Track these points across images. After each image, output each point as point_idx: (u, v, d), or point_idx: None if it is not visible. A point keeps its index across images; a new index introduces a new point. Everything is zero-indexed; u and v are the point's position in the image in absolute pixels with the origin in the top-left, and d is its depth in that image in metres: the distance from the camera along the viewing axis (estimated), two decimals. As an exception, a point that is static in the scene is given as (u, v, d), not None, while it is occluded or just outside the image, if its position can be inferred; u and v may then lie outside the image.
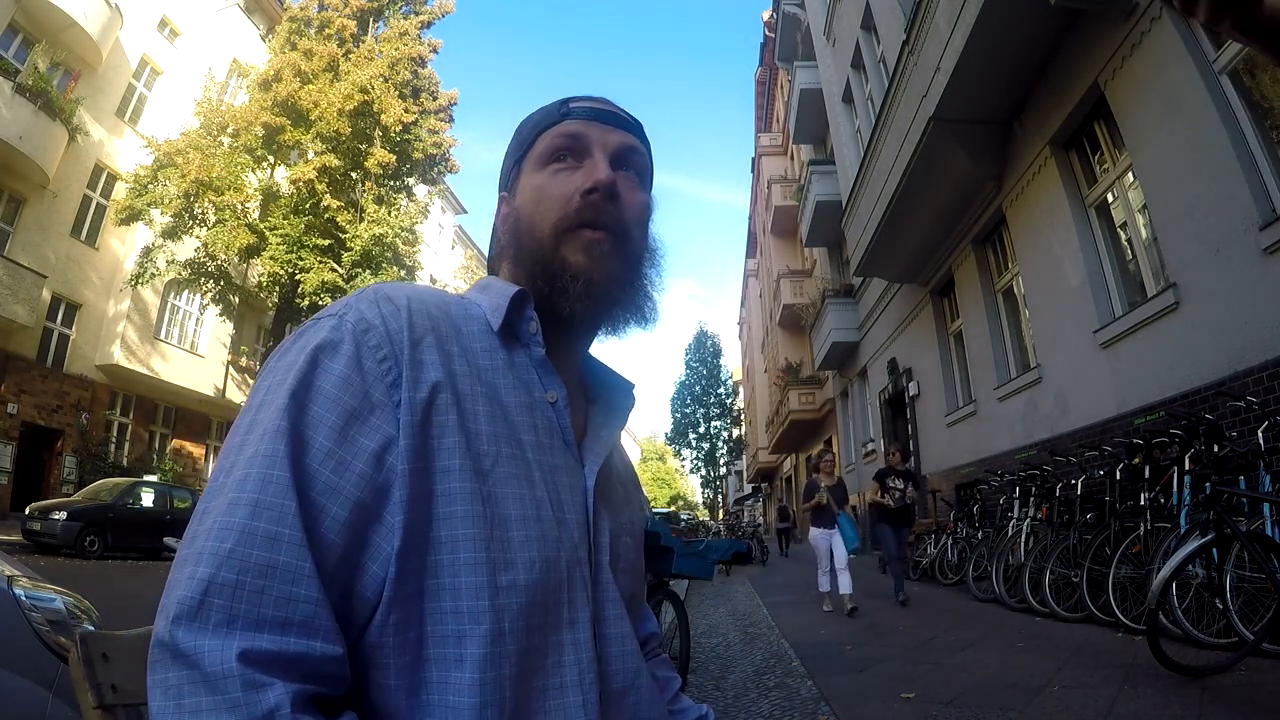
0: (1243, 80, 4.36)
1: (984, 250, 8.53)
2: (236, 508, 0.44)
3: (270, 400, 0.48)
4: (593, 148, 0.63)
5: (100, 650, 0.57)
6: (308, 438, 0.47)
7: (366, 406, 0.49)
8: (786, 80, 18.50)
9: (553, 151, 0.63)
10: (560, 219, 0.60)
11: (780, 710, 3.17)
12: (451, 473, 0.50)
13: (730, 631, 5.51)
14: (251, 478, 0.45)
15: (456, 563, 0.48)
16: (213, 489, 0.46)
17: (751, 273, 35.87)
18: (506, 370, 0.57)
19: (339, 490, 0.46)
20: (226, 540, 0.43)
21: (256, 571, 0.42)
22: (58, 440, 14.43)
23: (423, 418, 0.50)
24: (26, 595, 1.67)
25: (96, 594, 2.28)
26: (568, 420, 0.59)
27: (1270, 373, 3.97)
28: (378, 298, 0.53)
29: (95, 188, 15.59)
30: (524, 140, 0.66)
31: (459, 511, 0.49)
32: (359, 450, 0.48)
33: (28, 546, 9.61)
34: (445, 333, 0.55)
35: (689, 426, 42.93)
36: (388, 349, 0.50)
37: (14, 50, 13.48)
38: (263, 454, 0.45)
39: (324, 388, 0.48)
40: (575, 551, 0.55)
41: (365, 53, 14.92)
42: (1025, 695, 3.10)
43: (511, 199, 0.66)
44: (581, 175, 0.62)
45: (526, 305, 0.59)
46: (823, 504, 6.37)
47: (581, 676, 0.52)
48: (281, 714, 0.41)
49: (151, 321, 16.61)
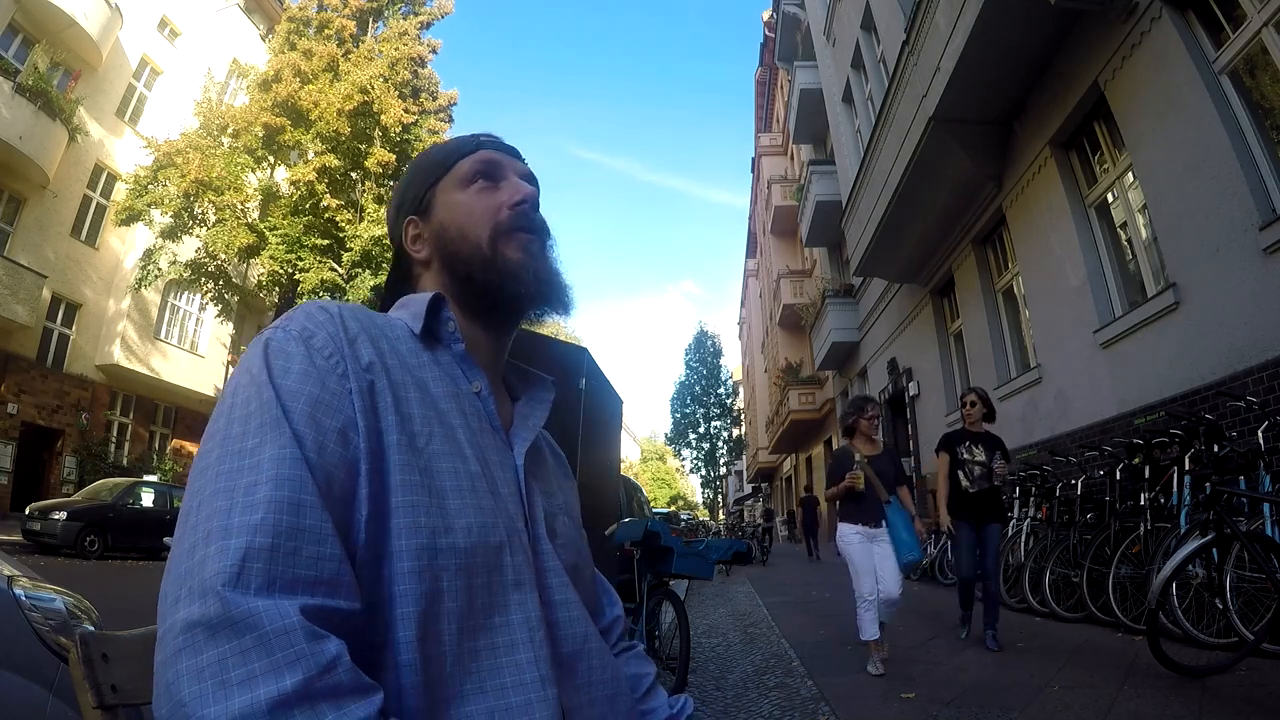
0: (1243, 80, 4.36)
1: (984, 250, 8.53)
2: (257, 486, 0.47)
3: (250, 400, 0.52)
4: (508, 172, 0.75)
5: (100, 650, 0.57)
6: (296, 425, 0.51)
7: (326, 394, 0.54)
8: (786, 80, 18.50)
9: (474, 174, 0.73)
10: (494, 226, 0.70)
11: (780, 710, 3.17)
12: (392, 448, 0.55)
13: (730, 631, 5.51)
14: (265, 460, 0.48)
15: (400, 527, 0.52)
16: (213, 476, 0.49)
17: (751, 273, 35.86)
18: (432, 366, 0.63)
19: (318, 467, 0.50)
20: (255, 512, 0.45)
21: (289, 534, 0.45)
22: (58, 440, 14.43)
23: (369, 402, 0.55)
24: (26, 595, 1.67)
25: (96, 594, 2.28)
26: (493, 407, 0.66)
27: (1270, 373, 3.97)
28: (313, 310, 0.60)
29: (95, 188, 15.59)
30: (437, 167, 0.75)
31: (400, 481, 0.54)
32: (328, 431, 0.52)
33: (28, 546, 9.62)
34: (374, 334, 0.61)
35: (689, 426, 42.92)
36: (332, 347, 0.57)
37: (14, 50, 13.49)
38: (270, 440, 0.49)
39: (287, 384, 0.53)
40: (512, 521, 0.60)
41: (365, 53, 14.92)
42: (1025, 695, 3.10)
43: (425, 220, 0.74)
44: (507, 191, 0.73)
45: (443, 307, 0.67)
46: (858, 486, 3.85)
47: (531, 634, 0.56)
48: (342, 662, 0.44)
49: (151, 321, 16.61)
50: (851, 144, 11.91)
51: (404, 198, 0.77)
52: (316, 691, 0.41)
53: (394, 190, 0.81)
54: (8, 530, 10.52)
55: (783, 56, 18.09)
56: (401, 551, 0.52)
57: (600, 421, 6.43)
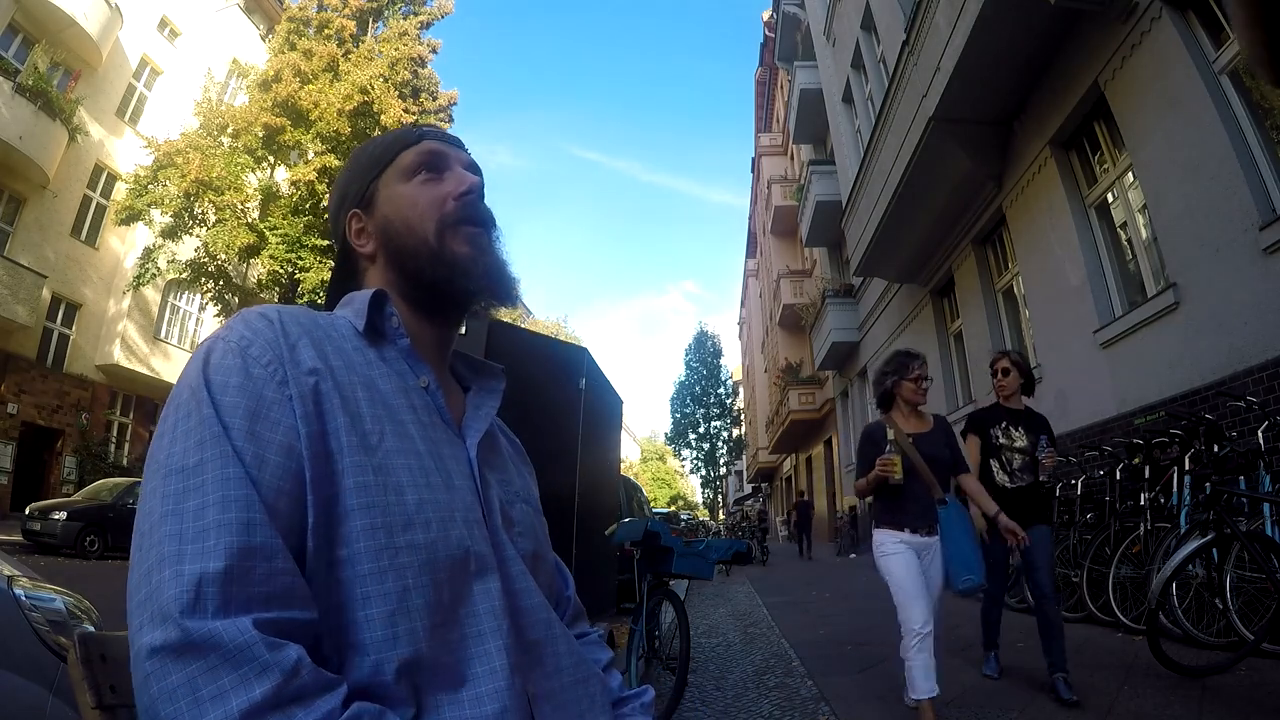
0: (1243, 80, 4.36)
1: (984, 250, 8.53)
2: (205, 509, 0.47)
3: (190, 416, 0.52)
4: (451, 162, 0.74)
5: (100, 650, 0.57)
6: (235, 440, 0.51)
7: (264, 405, 0.53)
8: (786, 80, 18.50)
9: (417, 166, 0.72)
10: (440, 218, 0.69)
11: (780, 710, 3.17)
12: (344, 451, 0.54)
13: (730, 631, 5.51)
14: (209, 480, 0.49)
15: (357, 530, 0.52)
16: (160, 500, 0.49)
17: (751, 273, 35.86)
18: (378, 363, 0.63)
19: (260, 482, 0.50)
20: (207, 538, 0.46)
21: (240, 555, 0.46)
22: (58, 440, 14.43)
23: (313, 407, 0.55)
24: (26, 595, 1.67)
25: (96, 594, 2.28)
26: (442, 401, 0.66)
27: (1270, 373, 3.97)
28: (251, 317, 0.59)
29: (95, 188, 15.59)
30: (379, 159, 0.73)
31: (352, 484, 0.54)
32: (268, 443, 0.52)
33: (28, 546, 9.62)
34: (317, 336, 0.60)
35: (689, 427, 42.93)
36: (270, 354, 0.56)
37: (14, 50, 13.49)
38: (211, 458, 0.50)
39: (226, 399, 0.53)
40: (469, 513, 0.60)
41: (365, 53, 14.92)
42: (1025, 695, 3.10)
43: (369, 213, 0.72)
44: (452, 182, 0.71)
45: (385, 303, 0.67)
46: (894, 476, 2.80)
47: (498, 623, 0.57)
48: (304, 665, 0.45)
49: (152, 321, 16.62)
50: (851, 144, 11.91)
51: (346, 191, 0.75)
52: (285, 696, 0.43)
53: (334, 185, 0.79)
54: (8, 530, 10.52)
55: (783, 56, 18.09)
56: (360, 554, 0.52)
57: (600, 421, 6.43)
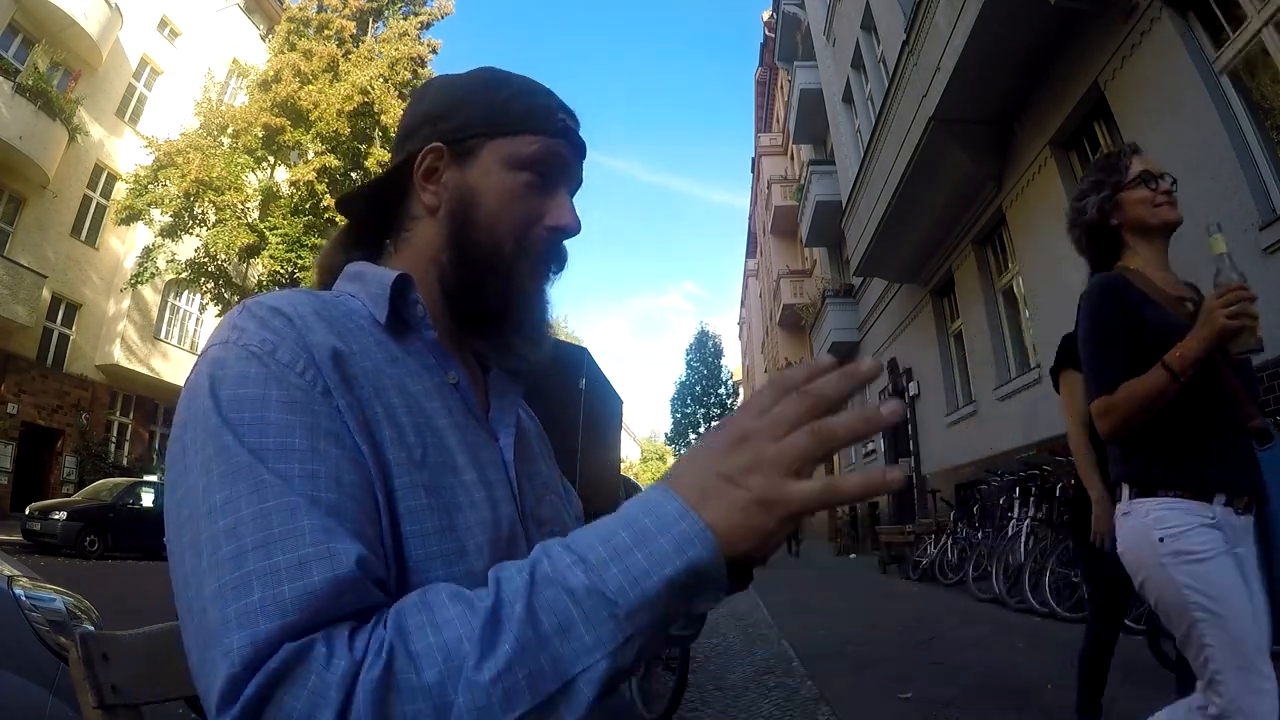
0: (1243, 80, 4.36)
1: (984, 250, 8.53)
2: (242, 556, 0.40)
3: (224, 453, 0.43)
4: (566, 180, 0.64)
5: (100, 650, 0.57)
6: (284, 471, 0.43)
7: (316, 418, 0.46)
8: (786, 80, 18.49)
9: (534, 163, 0.61)
10: (520, 240, 0.61)
11: (780, 710, 3.16)
12: (400, 466, 0.49)
13: (730, 631, 5.50)
14: (245, 520, 0.41)
15: (415, 560, 0.47)
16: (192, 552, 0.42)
17: (751, 273, 35.87)
18: (404, 359, 0.56)
19: (342, 510, 0.43)
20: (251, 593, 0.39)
21: (302, 605, 0.38)
22: (58, 440, 14.43)
23: (360, 418, 0.48)
24: (26, 595, 1.67)
25: (96, 594, 2.28)
26: (474, 398, 0.60)
27: (1270, 372, 3.97)
28: (264, 314, 0.50)
29: (95, 188, 15.59)
30: (502, 120, 0.61)
31: (407, 508, 0.48)
32: (338, 460, 0.45)
33: (28, 546, 9.62)
34: (340, 332, 0.53)
35: (689, 427, 42.91)
36: (305, 359, 0.48)
37: (14, 50, 13.49)
38: (244, 493, 0.41)
39: (271, 418, 0.44)
40: (513, 526, 0.56)
41: (365, 53, 14.93)
42: (1025, 695, 3.10)
43: (457, 164, 0.61)
44: (554, 207, 0.62)
45: (410, 291, 0.58)
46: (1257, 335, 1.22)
47: None
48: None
49: (152, 321, 16.62)
50: (851, 144, 11.92)
51: (442, 113, 0.62)
52: None
53: (441, 84, 0.66)
54: (8, 530, 10.52)
55: (783, 56, 18.09)
56: (432, 579, 0.47)
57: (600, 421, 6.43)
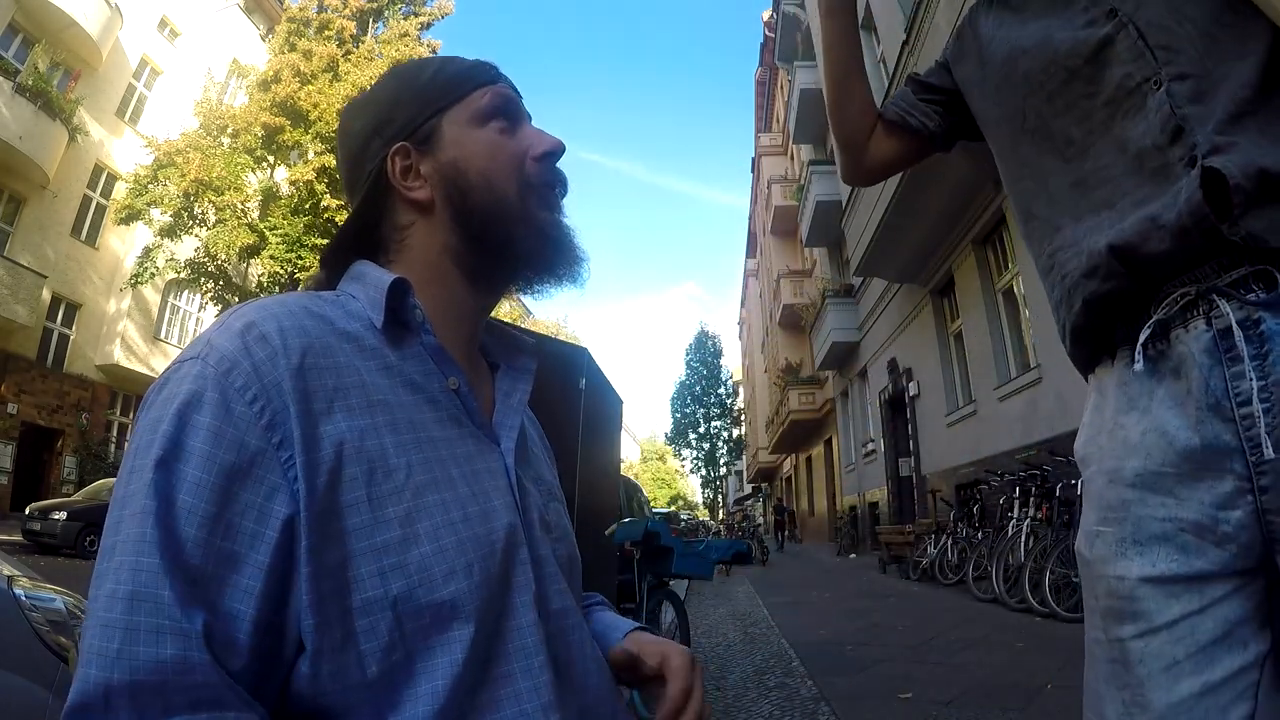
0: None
1: (984, 250, 8.53)
2: (115, 601, 0.40)
3: (138, 470, 0.43)
4: (524, 115, 0.65)
5: (100, 650, 0.56)
6: (185, 506, 0.42)
7: (245, 458, 0.44)
8: (786, 80, 18.50)
9: (493, 110, 0.62)
10: (522, 178, 0.61)
11: (780, 710, 3.17)
12: (360, 505, 0.46)
13: (730, 631, 5.51)
14: (125, 565, 0.41)
15: (388, 596, 0.45)
16: (98, 572, 0.43)
17: (751, 273, 35.87)
18: (400, 365, 0.54)
19: (234, 557, 0.42)
20: (112, 640, 0.40)
21: (148, 669, 0.39)
22: (58, 440, 14.43)
23: (316, 454, 0.45)
24: (26, 595, 1.67)
25: (96, 594, 2.28)
26: (474, 403, 0.57)
27: None
28: (242, 327, 0.48)
29: (95, 188, 15.60)
30: (446, 90, 0.61)
31: (372, 545, 0.46)
32: (247, 508, 0.43)
33: (28, 546, 9.62)
34: (328, 343, 0.50)
35: (689, 427, 42.93)
36: (256, 387, 0.45)
37: (14, 50, 13.50)
38: (132, 539, 0.41)
39: (195, 447, 0.43)
40: (512, 535, 0.53)
41: (365, 53, 14.92)
42: (1025, 695, 3.10)
43: (427, 152, 0.60)
44: (531, 138, 0.63)
45: (408, 295, 0.56)
46: None
47: (530, 659, 0.50)
48: None
49: (152, 321, 16.62)
50: (851, 144, 11.91)
51: (387, 118, 0.61)
52: None
53: (356, 106, 0.65)
54: (8, 530, 10.52)
55: (783, 56, 18.10)
56: (364, 629, 0.45)
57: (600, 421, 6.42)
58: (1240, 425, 0.54)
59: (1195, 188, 0.54)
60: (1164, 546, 0.58)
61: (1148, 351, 0.59)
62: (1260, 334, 0.54)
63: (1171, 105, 0.58)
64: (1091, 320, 0.65)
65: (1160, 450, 0.59)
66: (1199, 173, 0.54)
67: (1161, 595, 0.58)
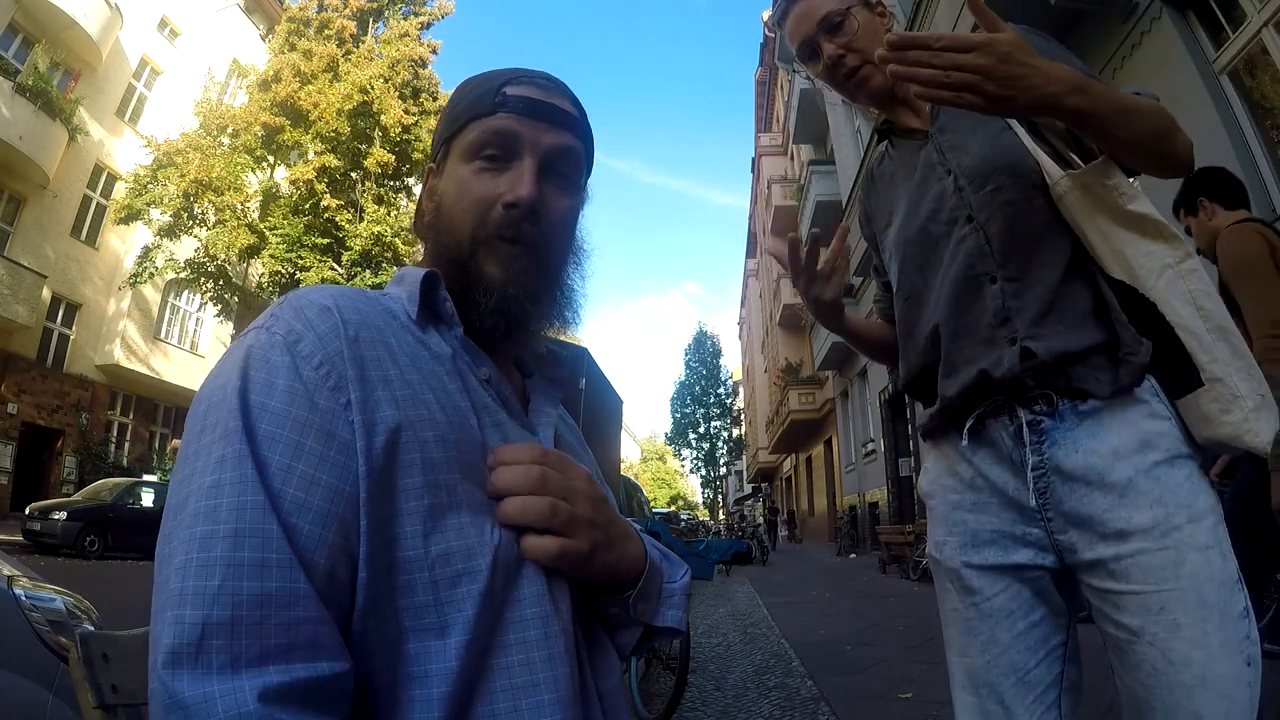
0: (1243, 80, 4.36)
1: (984, 250, 8.53)
2: (213, 540, 0.42)
3: (218, 424, 0.46)
4: (523, 150, 0.61)
5: (100, 650, 0.57)
6: (266, 457, 0.45)
7: (315, 415, 0.47)
8: (786, 80, 18.51)
9: (480, 146, 0.60)
10: (478, 226, 0.59)
11: (780, 710, 3.17)
12: (413, 467, 0.48)
13: (730, 631, 5.51)
14: (223, 507, 0.43)
15: (421, 556, 0.48)
16: (171, 528, 0.44)
17: (751, 273, 35.88)
18: (436, 355, 0.56)
19: (308, 506, 0.45)
20: (212, 577, 0.41)
21: (251, 603, 0.41)
22: (58, 440, 14.43)
23: (371, 415, 0.48)
24: (26, 595, 1.66)
25: (96, 594, 2.28)
26: (507, 391, 0.59)
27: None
28: (302, 304, 0.52)
29: (95, 188, 15.60)
30: (455, 120, 0.63)
31: (419, 506, 0.48)
32: (320, 460, 0.46)
33: (28, 546, 9.62)
34: (377, 325, 0.53)
35: (689, 427, 42.95)
36: (322, 354, 0.49)
37: (14, 50, 13.50)
38: (229, 481, 0.43)
39: (270, 404, 0.47)
40: None
41: (365, 53, 14.93)
42: (1025, 695, 3.09)
43: (438, 177, 0.65)
44: (507, 182, 0.60)
45: (438, 288, 0.58)
46: None
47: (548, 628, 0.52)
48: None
49: (152, 321, 16.62)
50: (851, 143, 11.93)
51: (435, 136, 0.67)
52: None
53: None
54: (8, 530, 10.52)
55: (783, 57, 18.11)
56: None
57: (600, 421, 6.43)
58: (1031, 479, 0.86)
59: (1016, 359, 0.85)
60: (992, 548, 0.91)
61: (973, 431, 0.90)
62: (1040, 429, 0.86)
63: (1004, 299, 0.88)
64: (945, 420, 0.95)
65: (985, 488, 0.92)
66: (1019, 350, 0.86)
67: (995, 575, 0.90)
